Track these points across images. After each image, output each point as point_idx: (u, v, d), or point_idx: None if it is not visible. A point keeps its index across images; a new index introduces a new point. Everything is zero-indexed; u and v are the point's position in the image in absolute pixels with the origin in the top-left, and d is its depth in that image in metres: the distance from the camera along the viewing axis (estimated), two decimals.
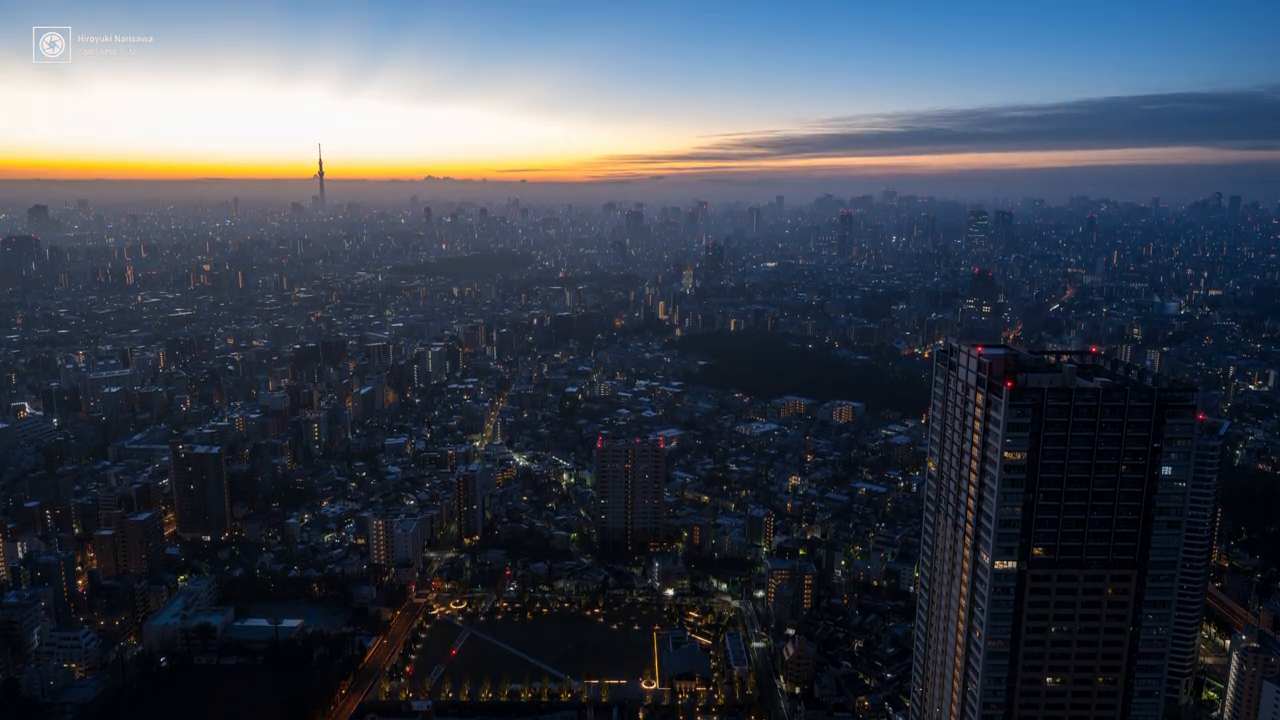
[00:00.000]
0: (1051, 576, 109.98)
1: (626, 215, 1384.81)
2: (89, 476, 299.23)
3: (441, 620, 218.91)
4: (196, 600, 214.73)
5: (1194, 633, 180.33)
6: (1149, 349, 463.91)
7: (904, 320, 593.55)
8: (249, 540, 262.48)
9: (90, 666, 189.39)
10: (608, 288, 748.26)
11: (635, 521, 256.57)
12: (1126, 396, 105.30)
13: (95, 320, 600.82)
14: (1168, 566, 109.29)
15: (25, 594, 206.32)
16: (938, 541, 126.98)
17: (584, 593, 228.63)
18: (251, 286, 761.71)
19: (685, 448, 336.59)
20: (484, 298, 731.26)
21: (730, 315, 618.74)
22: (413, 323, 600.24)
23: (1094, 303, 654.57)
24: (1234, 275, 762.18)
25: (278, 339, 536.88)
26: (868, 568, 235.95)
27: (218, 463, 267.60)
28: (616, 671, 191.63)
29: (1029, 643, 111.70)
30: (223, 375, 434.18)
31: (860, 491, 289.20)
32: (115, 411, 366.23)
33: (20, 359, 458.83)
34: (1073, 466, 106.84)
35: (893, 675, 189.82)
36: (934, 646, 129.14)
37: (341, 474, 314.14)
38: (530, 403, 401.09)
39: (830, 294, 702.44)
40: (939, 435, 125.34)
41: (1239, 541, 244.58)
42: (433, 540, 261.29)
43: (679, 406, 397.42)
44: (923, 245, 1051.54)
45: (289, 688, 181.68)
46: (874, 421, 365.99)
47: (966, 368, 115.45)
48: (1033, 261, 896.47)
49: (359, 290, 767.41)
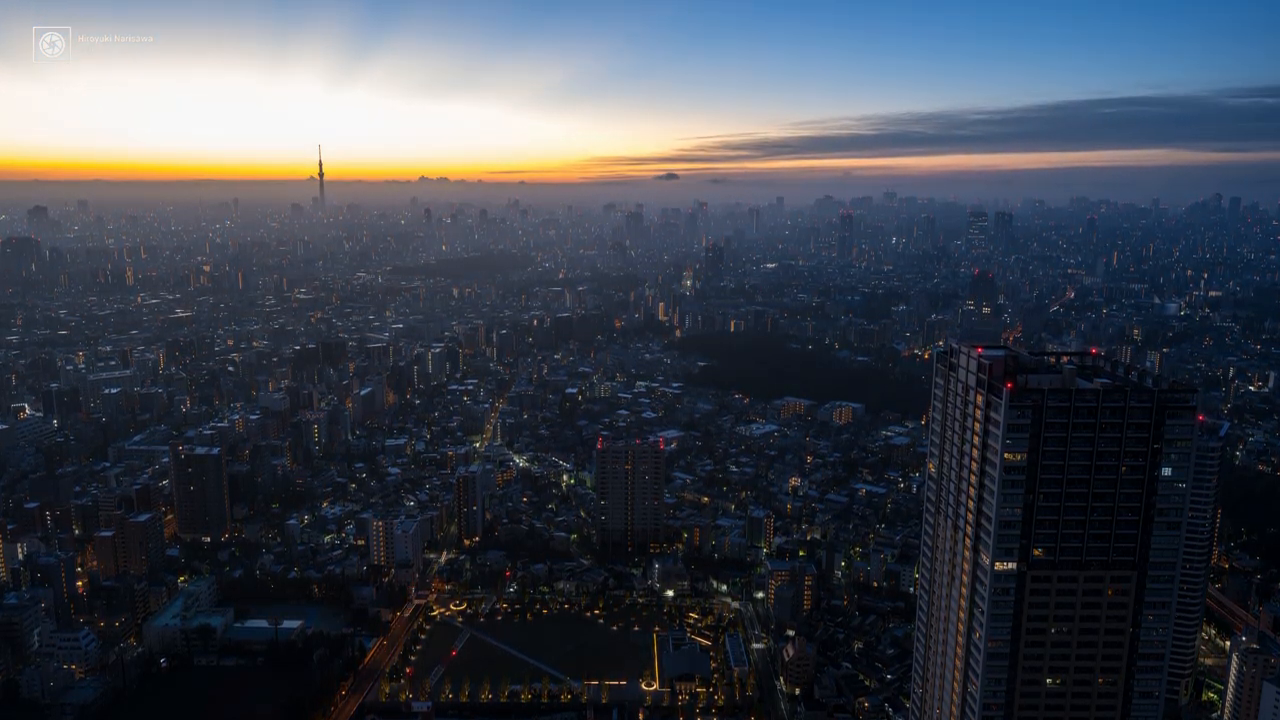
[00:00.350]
0: (1051, 578, 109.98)
1: (626, 216, 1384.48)
2: (89, 478, 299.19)
3: (441, 621, 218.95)
4: (196, 601, 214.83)
5: (1194, 634, 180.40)
6: (1149, 350, 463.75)
7: (904, 321, 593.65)
8: (249, 541, 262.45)
9: (90, 668, 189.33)
10: (608, 289, 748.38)
11: (635, 523, 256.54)
12: (1126, 398, 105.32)
13: (95, 321, 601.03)
14: (1168, 568, 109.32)
15: (25, 595, 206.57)
16: (938, 543, 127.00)
17: (584, 594, 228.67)
18: (251, 287, 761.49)
19: (685, 449, 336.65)
20: (484, 299, 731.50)
21: (730, 316, 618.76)
22: (413, 324, 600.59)
23: (1094, 304, 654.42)
24: (1234, 276, 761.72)
25: (278, 340, 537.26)
26: (868, 569, 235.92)
27: (218, 464, 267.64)
28: (617, 673, 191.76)
29: (1029, 644, 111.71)
30: (223, 376, 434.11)
31: (860, 493, 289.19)
32: (115, 413, 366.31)
33: (20, 360, 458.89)
34: (1073, 468, 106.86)
35: (893, 676, 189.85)
36: (934, 648, 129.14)
37: (341, 475, 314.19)
38: (530, 404, 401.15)
39: (830, 295, 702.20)
40: (939, 436, 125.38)
41: (1239, 543, 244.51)
42: (433, 541, 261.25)
43: (679, 407, 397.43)
44: (922, 246, 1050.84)
45: (289, 689, 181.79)
46: (874, 422, 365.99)
47: (966, 369, 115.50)
48: (1032, 262, 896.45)
49: (359, 291, 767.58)
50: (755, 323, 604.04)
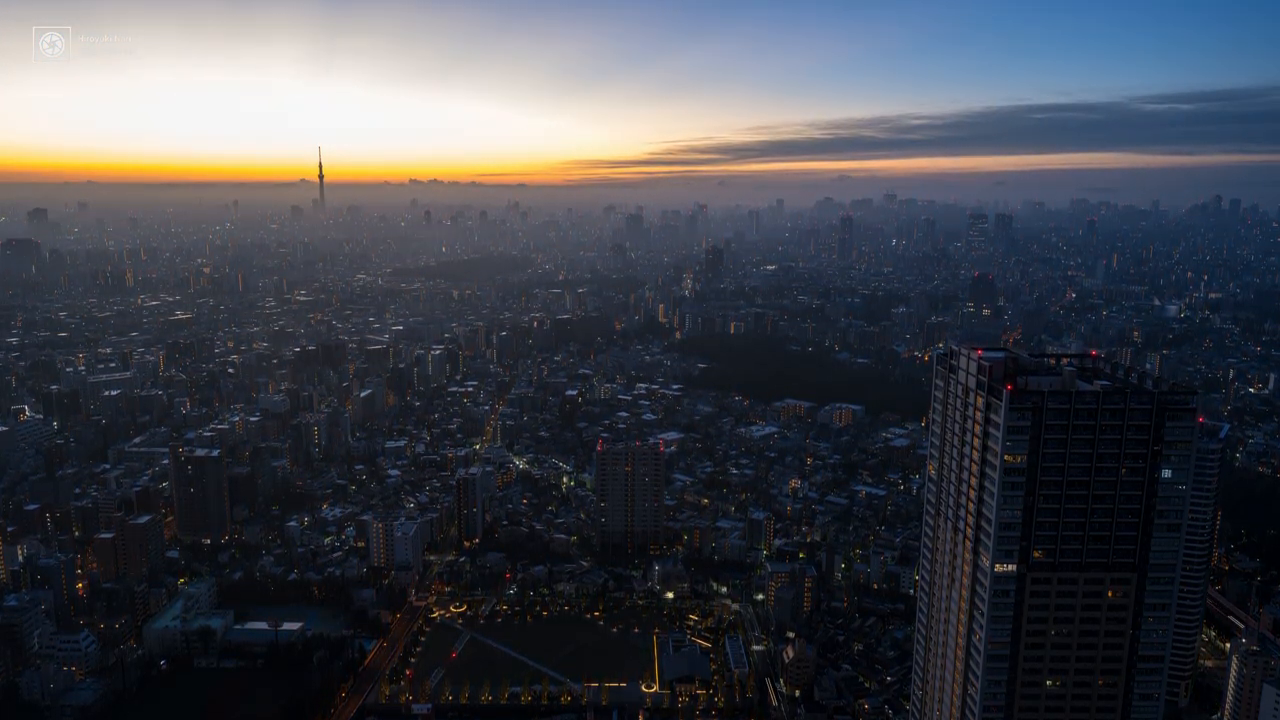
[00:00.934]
0: (1051, 580, 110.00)
1: (626, 218, 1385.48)
2: (89, 480, 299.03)
3: (441, 623, 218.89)
4: (196, 603, 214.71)
5: (1194, 636, 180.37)
6: (1149, 352, 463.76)
7: (904, 323, 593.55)
8: (249, 543, 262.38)
9: (90, 670, 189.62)
10: (607, 290, 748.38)
11: (635, 524, 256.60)
12: (1126, 399, 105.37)
13: (95, 323, 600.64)
14: (1168, 570, 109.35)
15: (25, 597, 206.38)
16: (938, 544, 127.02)
17: (584, 596, 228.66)
18: (251, 289, 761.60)
19: (685, 451, 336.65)
20: (484, 301, 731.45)
21: (730, 318, 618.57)
22: (413, 325, 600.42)
23: (1094, 306, 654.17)
24: (1234, 278, 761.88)
25: (278, 342, 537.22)
26: (868, 571, 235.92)
27: (218, 466, 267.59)
28: (616, 674, 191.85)
29: (1029, 646, 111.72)
30: (223, 378, 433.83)
31: (860, 494, 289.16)
32: (115, 415, 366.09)
33: (20, 362, 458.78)
34: (1073, 470, 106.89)
35: (893, 678, 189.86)
36: (934, 649, 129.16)
37: (341, 477, 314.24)
38: (530, 406, 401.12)
39: (830, 297, 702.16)
40: (939, 438, 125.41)
41: (1239, 544, 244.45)
42: (433, 543, 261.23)
43: (679, 409, 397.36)
44: (922, 248, 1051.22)
45: (289, 691, 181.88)
46: (874, 424, 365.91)
47: (967, 371, 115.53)
48: (1032, 264, 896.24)
49: (359, 293, 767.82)
50: (755, 324, 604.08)
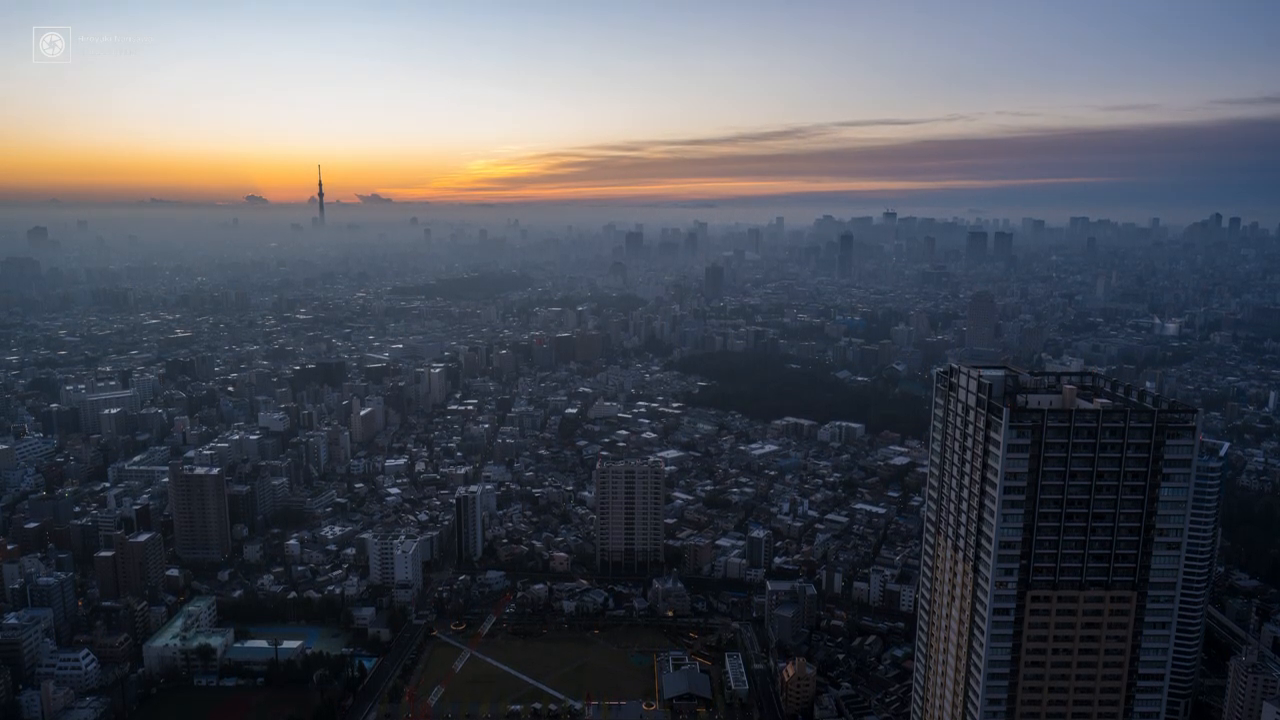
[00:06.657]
0: (1051, 598, 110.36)
1: (626, 236, 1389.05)
2: (89, 498, 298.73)
3: (441, 641, 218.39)
4: (196, 621, 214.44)
5: (1194, 654, 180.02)
6: (1149, 370, 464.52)
7: (904, 341, 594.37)
8: (249, 562, 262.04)
9: (90, 688, 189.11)
10: (607, 308, 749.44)
11: (635, 543, 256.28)
12: (1126, 418, 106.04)
13: (95, 341, 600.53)
14: (1168, 588, 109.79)
15: (25, 616, 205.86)
16: (938, 563, 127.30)
17: (584, 614, 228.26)
18: (251, 307, 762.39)
19: (685, 469, 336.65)
20: (484, 319, 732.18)
21: (730, 336, 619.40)
22: (412, 344, 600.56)
23: (1094, 324, 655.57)
24: (1234, 296, 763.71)
25: (278, 360, 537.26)
26: (867, 589, 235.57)
27: (218, 484, 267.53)
28: (616, 693, 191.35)
29: (1029, 664, 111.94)
30: (223, 396, 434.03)
31: (860, 513, 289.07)
32: (115, 433, 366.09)
33: (20, 380, 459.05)
34: (1073, 488, 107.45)
35: (892, 697, 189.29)
36: (934, 668, 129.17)
37: (341, 495, 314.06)
38: (530, 424, 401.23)
39: (830, 315, 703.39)
40: (939, 457, 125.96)
41: (1239, 563, 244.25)
42: (432, 561, 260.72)
43: (679, 427, 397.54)
44: (922, 266, 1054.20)
45: (289, 709, 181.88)
46: (874, 442, 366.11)
47: (967, 389, 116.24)
48: (1032, 282, 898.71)
49: (359, 311, 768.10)
50: (755, 343, 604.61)
